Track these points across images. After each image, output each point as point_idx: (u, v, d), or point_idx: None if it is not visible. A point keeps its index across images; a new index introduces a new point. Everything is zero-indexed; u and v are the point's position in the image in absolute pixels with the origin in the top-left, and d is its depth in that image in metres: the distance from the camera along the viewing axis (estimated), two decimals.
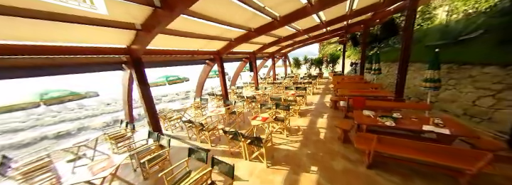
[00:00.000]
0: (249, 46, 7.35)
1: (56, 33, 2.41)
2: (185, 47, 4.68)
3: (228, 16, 3.52)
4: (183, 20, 3.04)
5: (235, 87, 8.51)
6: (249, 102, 6.15)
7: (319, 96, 7.45)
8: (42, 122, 9.21)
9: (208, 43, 4.86)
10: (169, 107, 8.78)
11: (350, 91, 5.11)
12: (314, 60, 13.13)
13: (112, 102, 12.57)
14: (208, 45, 5.08)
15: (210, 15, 3.22)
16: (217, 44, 5.37)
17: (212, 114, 4.45)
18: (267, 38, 6.66)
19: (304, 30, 6.42)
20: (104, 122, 7.79)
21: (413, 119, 2.83)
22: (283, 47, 10.01)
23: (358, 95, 4.62)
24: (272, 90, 7.44)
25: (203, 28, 3.86)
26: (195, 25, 3.59)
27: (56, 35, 2.50)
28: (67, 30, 2.41)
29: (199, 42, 4.61)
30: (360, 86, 6.07)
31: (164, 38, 3.68)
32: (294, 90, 6.66)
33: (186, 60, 5.29)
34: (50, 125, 8.72)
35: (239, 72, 9.15)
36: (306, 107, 6.06)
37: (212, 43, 4.97)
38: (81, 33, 2.63)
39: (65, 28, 2.31)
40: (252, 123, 3.50)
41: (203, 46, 5.02)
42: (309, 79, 9.40)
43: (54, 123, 9.00)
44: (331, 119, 4.64)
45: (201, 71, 6.76)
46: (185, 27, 3.57)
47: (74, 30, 2.44)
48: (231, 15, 3.48)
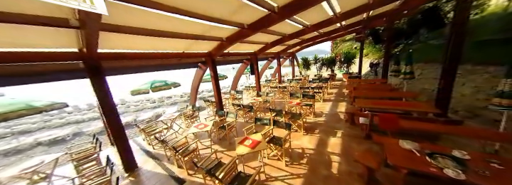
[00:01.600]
0: (249, 46, 6.44)
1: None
2: (165, 49, 3.92)
3: (205, 8, 2.64)
4: (150, 15, 2.25)
5: (235, 92, 7.67)
6: (246, 111, 5.26)
7: (331, 104, 6.28)
8: None
9: (194, 43, 4.05)
10: (155, 114, 8.26)
11: (373, 103, 3.95)
12: (326, 59, 11.78)
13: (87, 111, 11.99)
14: (194, 47, 4.28)
15: (180, 7, 2.39)
16: (207, 45, 4.55)
17: (195, 131, 3.63)
18: (267, 37, 5.69)
19: (313, 25, 5.33)
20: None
21: (498, 168, 1.65)
22: (289, 46, 8.93)
23: (385, 110, 3.47)
24: (274, 96, 6.45)
25: (178, 26, 3.05)
26: (167, 22, 2.79)
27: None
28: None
29: (181, 43, 3.82)
30: (385, 94, 4.82)
31: (133, 39, 2.93)
32: (300, 97, 5.61)
33: (172, 64, 4.55)
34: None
35: (239, 76, 8.30)
36: (315, 118, 4.98)
37: (198, 43, 4.15)
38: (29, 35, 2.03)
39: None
40: (237, 151, 2.58)
41: (188, 48, 4.23)
42: (319, 82, 8.21)
43: None
44: (348, 141, 3.54)
45: (194, 75, 6.01)
46: (155, 24, 2.78)
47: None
48: (209, 6, 2.60)
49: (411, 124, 2.66)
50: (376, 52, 11.40)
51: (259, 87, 7.86)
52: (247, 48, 6.71)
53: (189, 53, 4.51)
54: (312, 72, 13.71)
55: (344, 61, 10.78)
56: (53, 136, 7.25)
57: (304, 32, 5.65)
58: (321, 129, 4.26)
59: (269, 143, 3.14)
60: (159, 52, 3.93)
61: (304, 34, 5.73)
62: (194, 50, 4.53)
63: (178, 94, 14.50)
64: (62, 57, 2.59)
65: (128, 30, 2.58)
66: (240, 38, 4.08)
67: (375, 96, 4.85)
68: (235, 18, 3.35)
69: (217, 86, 5.26)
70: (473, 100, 4.02)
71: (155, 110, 9.67)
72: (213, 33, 3.89)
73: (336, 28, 7.19)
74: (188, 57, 4.68)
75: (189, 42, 3.90)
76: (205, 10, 2.73)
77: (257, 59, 7.45)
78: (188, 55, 4.59)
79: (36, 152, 6.59)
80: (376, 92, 5.07)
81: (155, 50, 3.82)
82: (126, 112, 11.27)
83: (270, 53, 9.40)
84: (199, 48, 4.54)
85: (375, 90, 5.36)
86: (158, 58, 4.02)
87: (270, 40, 6.50)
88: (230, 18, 3.27)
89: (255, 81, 7.88)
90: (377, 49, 11.26)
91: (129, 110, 11.45)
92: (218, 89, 5.28)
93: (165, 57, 4.10)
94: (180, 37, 3.41)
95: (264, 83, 10.75)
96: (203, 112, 7.05)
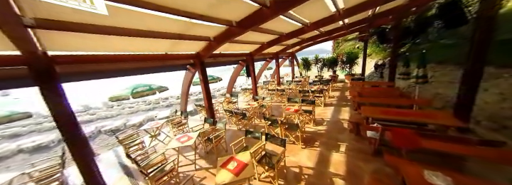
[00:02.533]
0: (244, 47, 5.93)
1: None
2: (142, 50, 3.43)
3: (184, 2, 2.15)
4: (117, 11, 1.78)
5: (229, 96, 7.18)
6: (239, 119, 4.76)
7: (333, 109, 5.76)
8: None
9: (177, 44, 3.56)
10: (147, 118, 7.71)
11: (381, 111, 3.43)
12: (327, 59, 11.23)
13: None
14: (178, 47, 3.79)
15: (152, 1, 1.90)
16: (194, 45, 4.06)
17: (176, 146, 3.14)
18: (263, 36, 5.18)
19: (313, 23, 4.81)
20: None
21: None
22: (288, 46, 8.40)
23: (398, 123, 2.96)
24: (271, 100, 5.94)
25: (154, 24, 2.56)
26: (139, 20, 2.31)
27: None
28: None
29: (162, 43, 3.33)
30: (394, 101, 4.29)
31: (100, 40, 2.46)
32: (299, 103, 5.09)
33: (155, 66, 4.06)
34: None
35: (235, 78, 7.81)
36: (315, 127, 4.47)
37: (182, 44, 3.66)
38: None
39: None
40: (217, 180, 2.07)
41: (171, 49, 3.73)
42: (320, 84, 7.68)
43: None
44: (353, 158, 3.03)
45: (183, 79, 5.53)
46: (124, 22, 2.30)
47: None
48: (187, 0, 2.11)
49: (436, 145, 2.14)
50: (380, 52, 10.83)
51: (256, 90, 7.36)
52: (242, 49, 6.21)
53: (173, 54, 4.01)
54: (313, 73, 13.17)
55: (346, 61, 10.23)
56: (37, 142, 6.83)
57: (303, 31, 5.13)
58: (321, 140, 3.75)
59: (259, 162, 2.64)
60: (137, 54, 3.44)
61: (303, 33, 5.21)
62: (179, 51, 4.04)
63: (175, 96, 14.06)
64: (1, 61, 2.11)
65: (88, 28, 2.09)
66: (229, 37, 3.58)
67: (382, 102, 4.32)
68: (221, 15, 2.85)
69: (207, 91, 4.76)
70: (499, 109, 3.48)
71: (148, 113, 9.22)
72: (198, 32, 3.40)
73: (338, 27, 6.65)
74: (174, 59, 4.19)
75: (171, 42, 3.41)
76: (185, 5, 2.24)
77: (253, 60, 6.94)
78: (173, 57, 4.10)
79: (16, 160, 6.18)
80: (383, 98, 4.54)
81: (132, 52, 3.34)
82: (120, 115, 10.85)
83: (268, 54, 8.88)
84: (184, 48, 4.05)
85: (382, 96, 4.82)
86: (136, 61, 3.53)
87: (266, 40, 5.99)
88: (214, 15, 2.77)
89: (252, 84, 7.37)
90: (381, 49, 10.69)
91: (123, 112, 11.03)
92: (208, 94, 4.78)
93: (145, 60, 3.61)
94: (158, 36, 2.91)
95: (262, 85, 10.24)
96: (195, 116, 6.57)
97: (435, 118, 3.01)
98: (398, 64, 5.89)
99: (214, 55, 5.26)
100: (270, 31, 4.82)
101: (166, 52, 3.79)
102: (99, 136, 6.80)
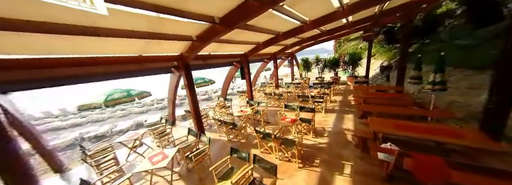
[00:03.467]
0: (236, 47, 5.39)
1: None
2: (109, 52, 2.90)
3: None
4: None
5: (222, 100, 6.64)
6: (230, 128, 4.23)
7: (335, 117, 5.20)
8: None
9: (151, 44, 3.02)
10: (135, 123, 7.19)
11: (393, 125, 2.88)
12: (328, 60, 10.64)
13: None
14: (154, 48, 3.25)
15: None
16: (175, 46, 3.52)
17: (149, 168, 2.61)
18: (257, 36, 4.63)
19: (313, 21, 4.26)
20: None
21: None
22: (287, 46, 7.84)
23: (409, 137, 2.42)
24: (266, 106, 5.40)
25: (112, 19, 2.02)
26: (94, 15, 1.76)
27: None
28: None
29: (130, 43, 2.80)
30: (407, 111, 3.72)
31: (47, 40, 1.93)
32: (297, 110, 4.55)
33: (130, 70, 3.52)
34: None
35: (229, 80, 7.26)
36: (314, 139, 3.93)
37: (160, 44, 3.12)
38: None
39: None
40: None
41: (144, 50, 3.20)
42: (321, 88, 7.12)
43: None
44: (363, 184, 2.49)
45: (169, 83, 5.00)
46: (74, 19, 1.77)
47: None
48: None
49: (472, 181, 1.59)
50: (384, 52, 10.21)
51: (251, 94, 6.81)
52: (235, 49, 5.66)
53: (151, 56, 3.48)
54: (313, 74, 12.60)
55: (349, 62, 9.64)
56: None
57: (301, 29, 4.57)
58: (322, 158, 3.20)
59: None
60: (104, 56, 2.91)
61: (302, 32, 4.65)
62: (157, 52, 3.50)
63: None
64: None
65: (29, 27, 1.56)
66: (213, 36, 3.03)
67: (391, 112, 3.76)
68: (198, 9, 2.31)
69: (193, 97, 4.23)
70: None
71: (139, 117, 8.68)
72: (175, 30, 2.86)
73: (341, 26, 6.08)
74: (153, 62, 3.66)
75: (143, 42, 2.87)
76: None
77: (248, 61, 6.39)
78: (152, 59, 3.56)
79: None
80: (393, 107, 3.97)
81: (96, 55, 2.80)
82: (111, 117, 10.36)
83: (265, 54, 8.33)
84: (164, 49, 3.51)
85: (392, 104, 4.26)
86: (104, 64, 3.00)
87: (262, 40, 5.43)
88: (190, 9, 2.23)
89: (247, 87, 6.83)
90: (386, 49, 10.08)
91: (114, 116, 10.53)
92: (194, 100, 4.24)
93: (115, 63, 3.08)
94: (123, 35, 2.38)
95: (260, 86, 9.69)
96: (185, 122, 6.06)
97: (461, 136, 2.46)
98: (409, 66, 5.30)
99: (202, 57, 4.72)
100: (265, 30, 4.27)
101: (140, 54, 3.25)
102: (82, 143, 6.30)
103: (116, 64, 3.16)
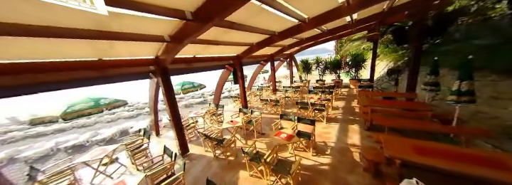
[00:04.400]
0: (227, 49, 4.79)
1: None
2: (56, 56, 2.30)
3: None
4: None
5: (213, 107, 6.04)
6: (215, 144, 3.62)
7: (338, 128, 4.58)
8: None
9: (104, 47, 2.42)
10: (119, 131, 6.49)
11: (415, 149, 2.25)
12: (329, 62, 10.03)
13: None
14: (113, 51, 2.65)
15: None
16: (144, 48, 2.92)
17: None
18: (249, 36, 4.03)
19: (313, 19, 3.66)
20: None
21: None
22: (285, 47, 7.23)
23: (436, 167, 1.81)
24: (260, 115, 4.78)
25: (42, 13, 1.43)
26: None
27: None
28: None
29: (81, 45, 2.20)
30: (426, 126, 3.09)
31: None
32: (295, 122, 3.94)
33: (91, 77, 2.91)
34: None
35: (222, 85, 6.66)
36: (314, 158, 3.33)
37: (119, 46, 2.52)
38: None
39: None
40: None
41: (104, 53, 2.60)
42: (322, 93, 6.51)
43: None
44: None
45: (149, 89, 4.40)
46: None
47: None
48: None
49: None
50: (389, 53, 9.59)
51: (245, 101, 6.20)
52: (225, 51, 5.05)
53: (116, 60, 2.88)
54: (313, 76, 11.97)
55: (352, 64, 9.02)
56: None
57: (300, 29, 3.97)
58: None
59: None
60: (50, 61, 2.31)
61: (300, 32, 4.05)
62: (119, 56, 2.90)
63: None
64: None
65: None
66: (189, 35, 2.43)
67: (406, 126, 3.14)
68: (163, 1, 1.71)
69: (173, 106, 3.62)
70: None
71: (126, 124, 8.04)
72: (137, 29, 2.26)
73: (344, 25, 5.47)
74: (123, 66, 3.06)
75: (98, 44, 2.28)
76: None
77: (241, 64, 5.79)
78: (120, 64, 2.97)
79: None
80: (408, 120, 3.35)
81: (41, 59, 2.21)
82: (98, 123, 9.78)
83: (262, 56, 7.73)
84: (130, 52, 2.91)
85: (405, 116, 3.64)
86: (50, 71, 2.40)
87: (255, 41, 4.84)
88: (154, 1, 1.63)
89: (240, 92, 6.22)
90: (391, 49, 9.46)
91: (101, 121, 9.95)
92: (175, 111, 3.64)
93: (64, 70, 2.48)
94: (63, 36, 1.79)
95: (257, 89, 9.08)
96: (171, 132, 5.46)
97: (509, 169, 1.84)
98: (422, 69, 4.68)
99: (185, 60, 4.12)
100: (258, 30, 3.67)
101: (100, 58, 2.65)
102: (57, 154, 5.71)
103: (78, 69, 2.57)
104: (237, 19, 2.79)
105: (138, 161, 3.69)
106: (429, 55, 5.78)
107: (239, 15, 2.63)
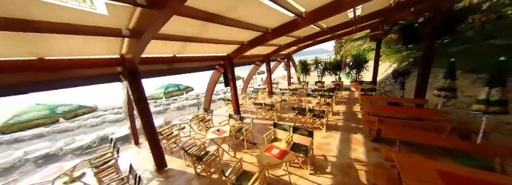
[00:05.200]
0: (216, 48, 4.23)
1: None
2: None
3: None
4: None
5: (203, 112, 5.48)
6: (195, 160, 3.05)
7: (339, 137, 4.05)
8: None
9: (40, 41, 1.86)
10: (98, 137, 5.79)
11: (443, 181, 1.71)
12: (329, 63, 9.51)
13: None
14: (43, 47, 2.08)
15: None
16: (96, 43, 2.35)
17: None
18: (237, 33, 3.48)
19: (312, 14, 3.13)
20: None
21: None
22: (281, 46, 6.70)
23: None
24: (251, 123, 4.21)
25: None
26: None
27: None
28: None
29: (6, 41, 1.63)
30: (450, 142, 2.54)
31: None
32: (290, 132, 3.39)
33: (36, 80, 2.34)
34: None
35: (212, 88, 6.09)
36: (314, 178, 2.78)
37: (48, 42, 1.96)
38: None
39: None
40: None
41: (33, 50, 2.03)
42: (321, 97, 5.98)
43: None
44: None
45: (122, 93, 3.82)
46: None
47: None
48: None
49: None
50: (391, 54, 9.10)
51: (237, 106, 5.64)
52: (211, 50, 4.49)
53: (60, 60, 2.30)
54: (312, 77, 11.46)
55: (353, 66, 8.51)
56: None
57: (296, 24, 3.43)
58: None
59: None
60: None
61: (296, 28, 3.51)
62: (60, 55, 2.32)
63: (164, 102, 12.34)
64: None
65: None
66: (147, 27, 1.87)
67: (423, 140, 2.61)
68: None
69: (146, 114, 3.05)
70: None
71: (105, 130, 7.13)
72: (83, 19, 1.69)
73: (346, 22, 4.95)
74: (64, 69, 2.48)
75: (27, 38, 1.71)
76: None
77: (232, 64, 5.24)
78: (63, 64, 2.39)
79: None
80: (422, 133, 2.81)
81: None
82: (81, 127, 9.12)
83: (256, 56, 7.18)
84: (76, 50, 2.34)
85: (418, 127, 3.10)
86: None
87: (246, 39, 4.29)
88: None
89: (231, 96, 5.67)
90: (394, 50, 8.96)
91: (85, 124, 9.30)
92: (148, 120, 3.07)
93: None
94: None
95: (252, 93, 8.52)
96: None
97: None
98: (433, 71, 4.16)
99: (163, 60, 3.55)
100: (247, 25, 3.12)
101: (37, 57, 2.07)
102: (25, 165, 5.09)
103: (16, 71, 2.00)
104: (215, 10, 2.24)
105: (106, 179, 3.13)
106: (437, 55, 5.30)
107: (216, 4, 2.08)
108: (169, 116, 9.55)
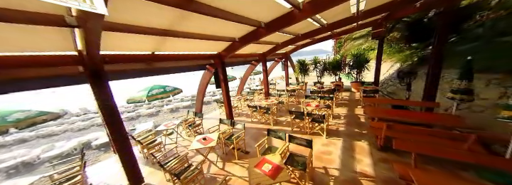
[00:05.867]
0: (204, 45, 3.77)
1: None
2: None
3: None
4: None
5: (193, 116, 5.00)
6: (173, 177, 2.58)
7: (341, 144, 3.61)
8: None
9: None
10: (80, 143, 5.13)
11: None
12: (329, 63, 9.11)
13: None
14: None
15: None
16: (46, 36, 1.89)
17: None
18: (226, 27, 3.02)
19: (310, 4, 2.69)
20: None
21: None
22: (278, 45, 6.26)
23: None
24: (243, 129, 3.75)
25: None
26: None
27: None
28: None
29: None
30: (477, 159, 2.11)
31: None
32: (286, 141, 2.95)
33: None
34: None
35: (203, 90, 5.62)
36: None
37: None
38: None
39: None
40: None
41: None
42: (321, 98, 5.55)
43: None
44: None
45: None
46: None
47: None
48: None
49: None
50: (393, 53, 8.72)
51: (230, 109, 5.18)
52: (200, 48, 4.03)
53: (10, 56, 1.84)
54: (311, 78, 11.04)
55: (354, 65, 8.11)
56: None
57: (293, 18, 2.99)
58: None
59: None
60: None
61: (293, 21, 3.06)
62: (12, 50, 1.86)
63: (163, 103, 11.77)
64: None
65: None
66: (95, 14, 1.41)
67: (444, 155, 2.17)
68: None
69: (114, 123, 2.58)
70: None
71: (88, 136, 6.44)
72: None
73: (348, 17, 4.53)
74: (7, 67, 2.01)
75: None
76: None
77: (223, 64, 4.78)
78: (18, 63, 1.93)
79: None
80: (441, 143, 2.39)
81: None
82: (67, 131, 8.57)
83: (252, 55, 6.74)
84: (27, 46, 1.87)
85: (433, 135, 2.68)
86: None
87: (237, 35, 3.84)
88: None
89: (223, 99, 5.21)
90: (395, 49, 8.58)
91: (72, 129, 8.74)
92: (117, 129, 2.60)
93: None
94: None
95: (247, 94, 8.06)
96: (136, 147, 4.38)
97: None
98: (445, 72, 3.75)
99: (138, 58, 3.08)
100: (237, 17, 2.67)
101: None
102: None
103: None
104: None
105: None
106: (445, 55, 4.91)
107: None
108: (161, 119, 9.03)
